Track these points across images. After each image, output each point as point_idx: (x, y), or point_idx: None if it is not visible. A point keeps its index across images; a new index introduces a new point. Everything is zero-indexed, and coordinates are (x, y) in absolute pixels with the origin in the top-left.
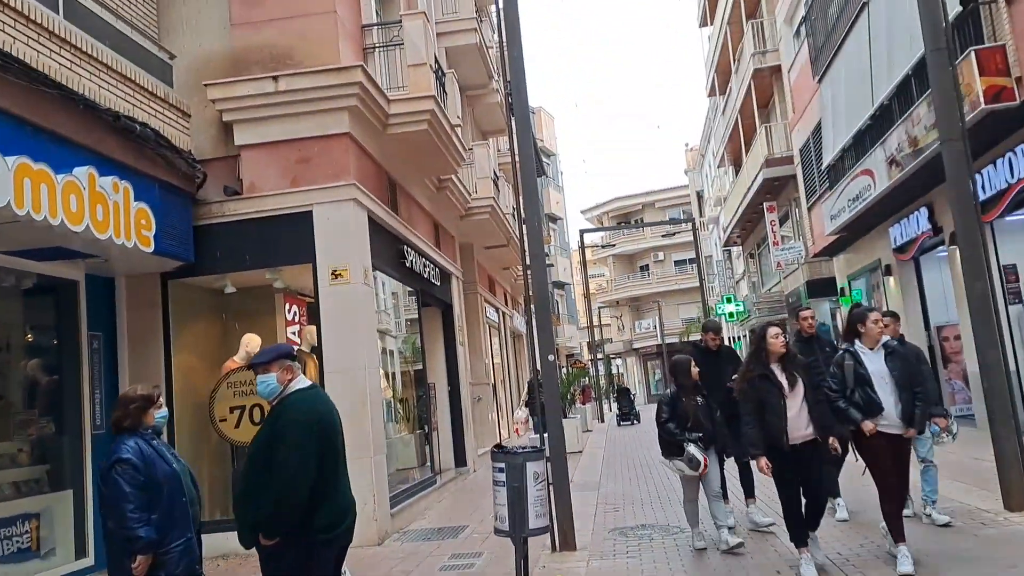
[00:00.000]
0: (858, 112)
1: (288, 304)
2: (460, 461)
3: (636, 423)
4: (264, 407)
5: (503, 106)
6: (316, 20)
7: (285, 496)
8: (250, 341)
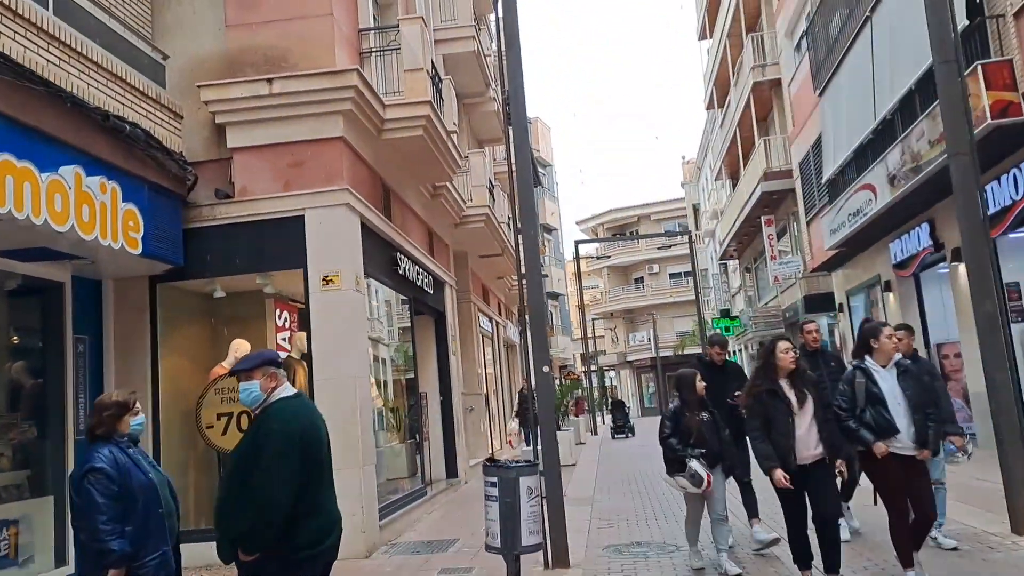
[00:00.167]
0: (860, 126)
1: (279, 310)
2: (451, 472)
3: (631, 436)
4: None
5: (500, 115)
6: (312, 23)
7: (265, 510)
8: (239, 347)
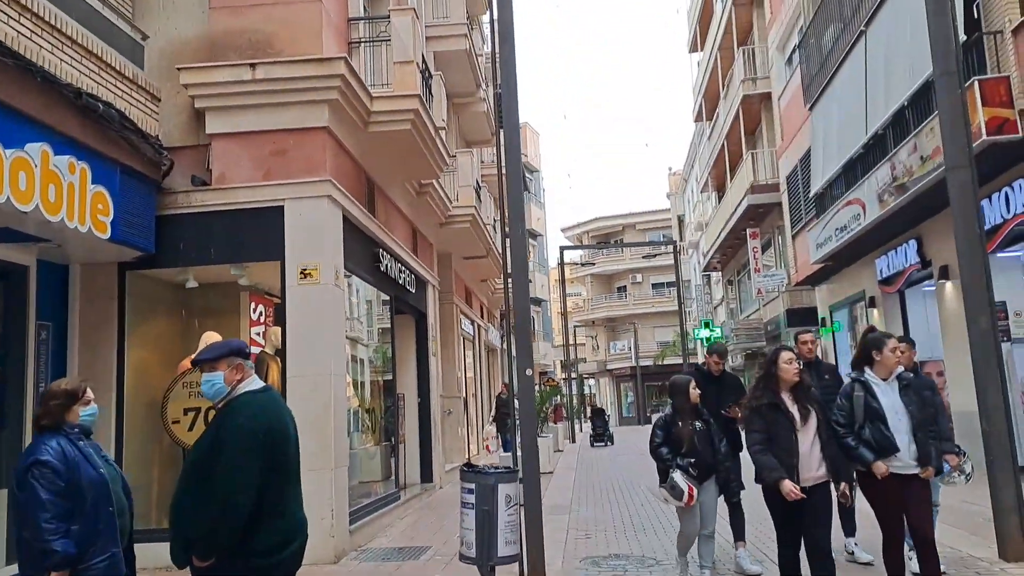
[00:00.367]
0: (850, 141)
1: (254, 303)
2: (426, 476)
3: (610, 444)
4: None
5: (490, 115)
6: (300, 8)
7: (223, 514)
8: (211, 340)
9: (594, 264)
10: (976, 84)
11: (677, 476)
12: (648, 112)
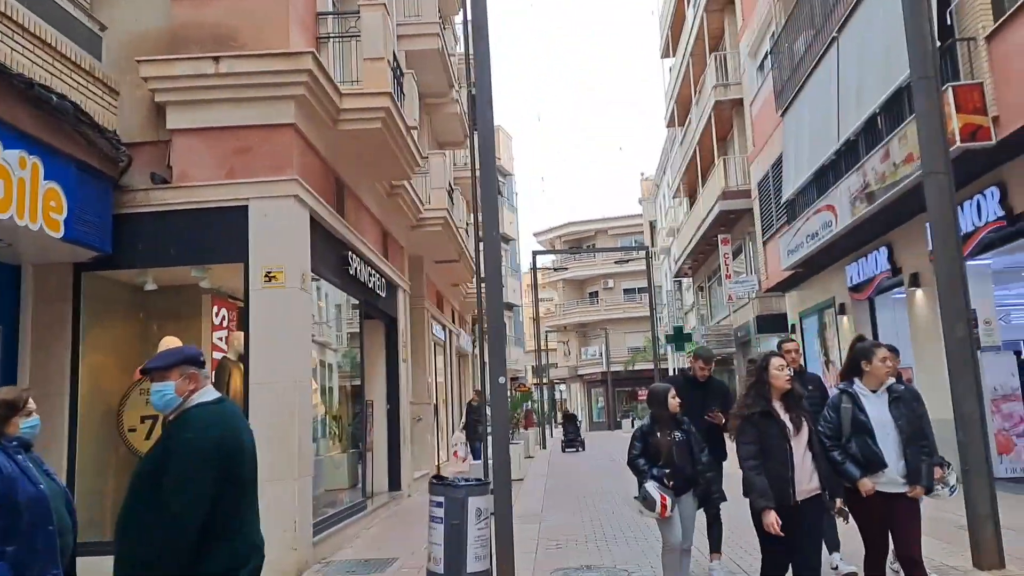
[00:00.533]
0: (822, 147)
1: (216, 307)
2: (395, 484)
3: (581, 450)
4: None
5: (463, 117)
6: (265, 1)
7: (171, 535)
8: (170, 344)
9: (567, 269)
10: (950, 91)
11: (650, 486)
12: (622, 115)
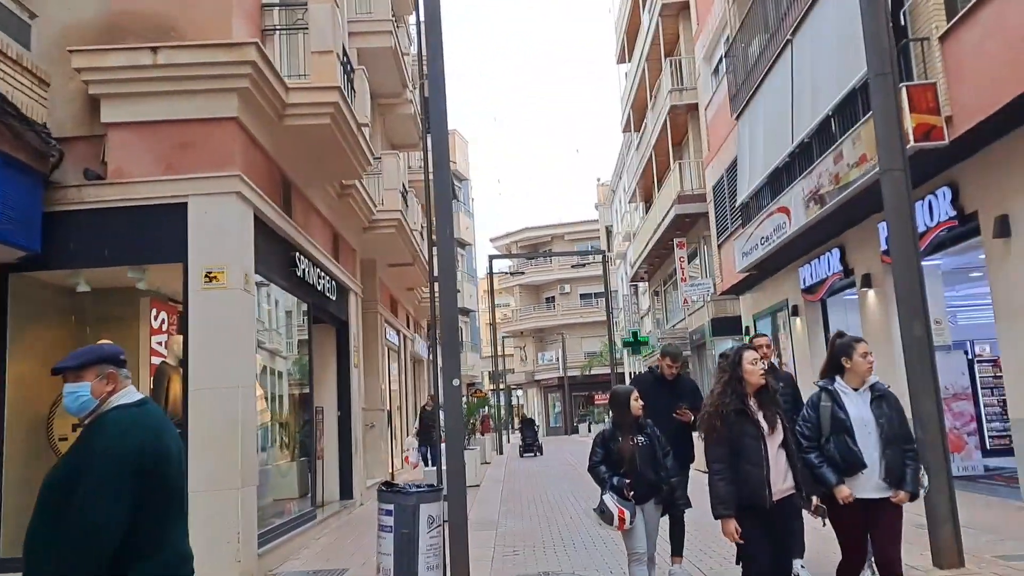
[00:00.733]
0: (776, 149)
1: (155, 310)
2: (346, 493)
3: (539, 455)
4: None
5: (417, 118)
6: None
7: (84, 551)
8: None
9: (523, 274)
10: (904, 90)
11: (607, 499)
12: (578, 117)
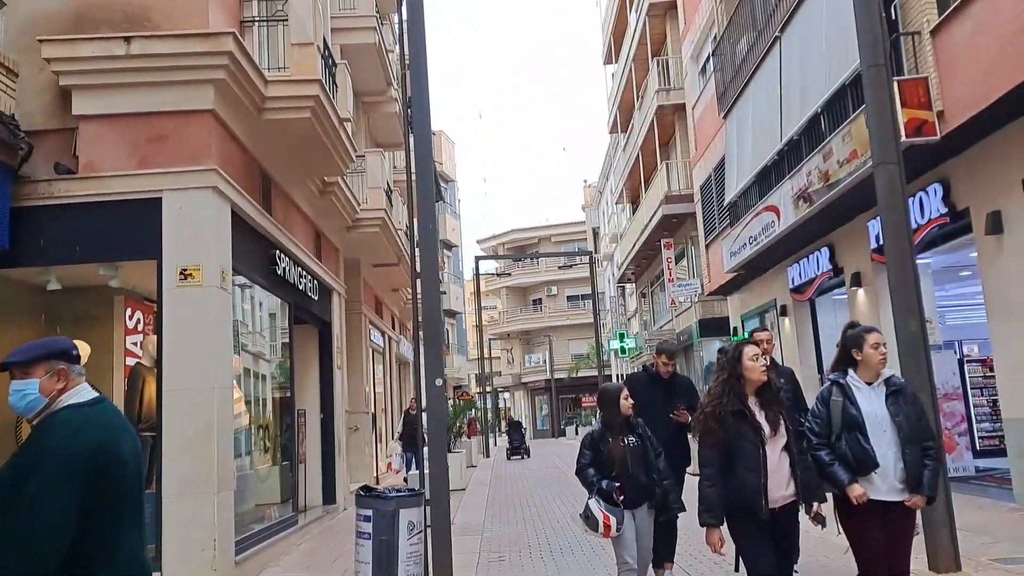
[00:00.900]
0: (765, 148)
1: (130, 309)
2: (329, 498)
3: (526, 457)
4: None
5: (402, 115)
6: None
7: (32, 552)
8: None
9: (510, 275)
10: (896, 85)
11: (592, 504)
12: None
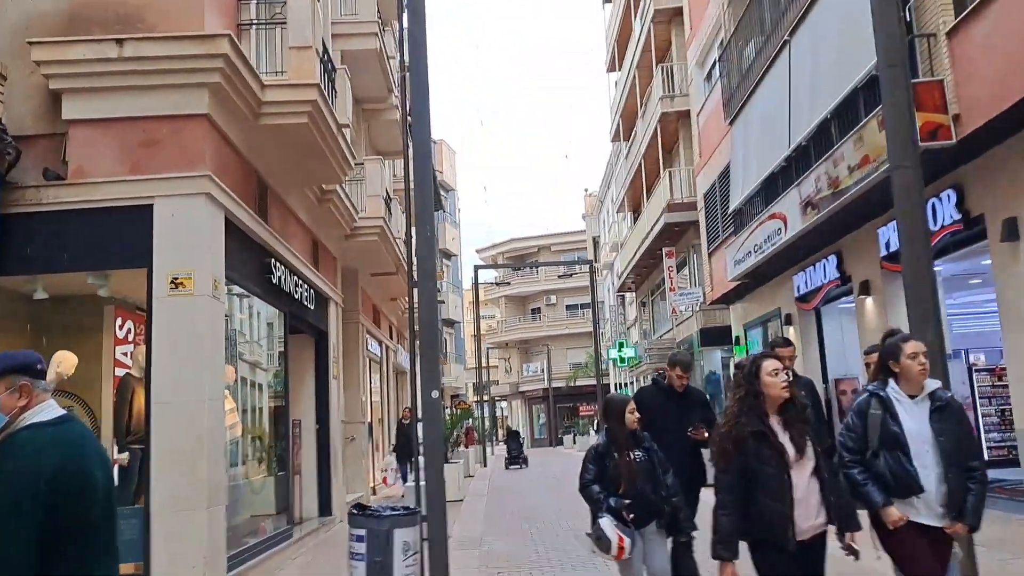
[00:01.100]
0: (772, 154)
1: (120, 318)
2: (325, 509)
3: (524, 467)
4: None
5: (403, 121)
6: None
7: None
8: (63, 360)
9: (509, 284)
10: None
11: (605, 523)
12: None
